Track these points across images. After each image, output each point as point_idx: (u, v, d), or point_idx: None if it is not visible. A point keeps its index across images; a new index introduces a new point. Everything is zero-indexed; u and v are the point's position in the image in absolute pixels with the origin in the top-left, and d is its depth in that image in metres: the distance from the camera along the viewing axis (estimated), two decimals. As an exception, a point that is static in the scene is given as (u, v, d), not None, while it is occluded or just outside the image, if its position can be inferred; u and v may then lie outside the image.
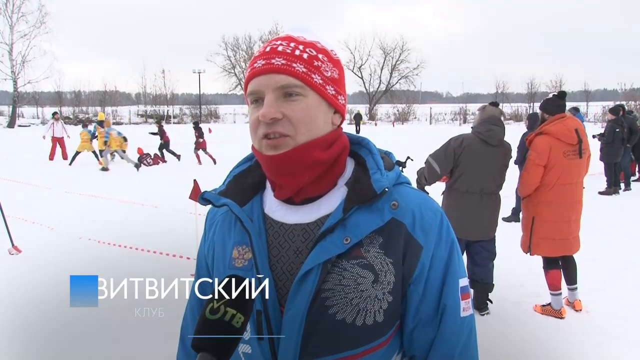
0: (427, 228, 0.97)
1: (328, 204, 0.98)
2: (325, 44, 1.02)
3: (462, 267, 1.02)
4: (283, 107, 0.93)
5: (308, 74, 0.94)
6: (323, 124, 0.97)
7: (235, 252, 1.02)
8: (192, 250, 5.39)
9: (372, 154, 1.03)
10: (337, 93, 1.00)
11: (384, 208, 0.95)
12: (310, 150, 0.94)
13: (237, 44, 57.35)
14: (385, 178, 0.97)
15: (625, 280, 4.89)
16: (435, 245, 0.97)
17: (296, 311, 0.92)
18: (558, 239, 3.97)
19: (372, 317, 0.93)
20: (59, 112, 28.74)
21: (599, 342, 3.63)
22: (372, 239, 0.94)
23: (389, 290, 0.94)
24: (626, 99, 39.11)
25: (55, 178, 12.14)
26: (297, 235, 0.97)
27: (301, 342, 0.92)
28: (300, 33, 1.01)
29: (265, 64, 0.94)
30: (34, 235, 6.58)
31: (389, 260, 0.94)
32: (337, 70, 1.01)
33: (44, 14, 41.63)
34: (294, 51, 0.95)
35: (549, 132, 3.94)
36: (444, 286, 0.97)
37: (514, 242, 4.70)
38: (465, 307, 0.99)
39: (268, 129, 0.93)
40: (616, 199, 9.40)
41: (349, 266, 0.93)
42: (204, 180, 6.19)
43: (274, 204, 1.02)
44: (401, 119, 48.26)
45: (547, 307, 4.13)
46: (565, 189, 3.92)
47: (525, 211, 4.15)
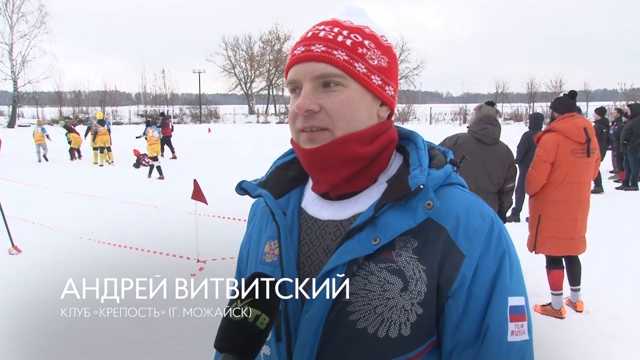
0: (472, 235, 0.85)
1: (365, 201, 0.90)
2: (375, 28, 0.92)
3: (517, 285, 0.88)
4: (321, 99, 0.86)
5: (350, 62, 0.86)
6: (366, 117, 0.89)
7: (267, 246, 0.97)
8: (192, 250, 5.39)
9: (418, 150, 0.94)
10: (385, 83, 0.91)
11: (417, 207, 0.85)
12: (348, 144, 0.87)
13: (237, 44, 57.51)
14: (424, 175, 0.87)
15: (625, 280, 4.89)
16: (481, 255, 0.85)
17: (314, 314, 0.85)
18: (564, 238, 3.97)
19: (396, 330, 0.83)
20: (60, 113, 28.79)
21: (599, 342, 3.63)
22: (405, 241, 0.85)
23: (418, 302, 0.84)
24: (626, 98, 39.08)
25: (55, 178, 12.15)
26: (329, 233, 0.91)
27: (317, 348, 0.85)
28: (348, 17, 0.92)
29: (304, 51, 0.88)
30: (34, 235, 6.58)
31: (422, 268, 0.84)
32: (386, 58, 0.92)
33: (44, 14, 41.79)
34: (336, 37, 0.88)
35: (557, 130, 3.97)
36: (489, 303, 0.84)
37: (514, 242, 4.69)
38: (516, 331, 0.86)
39: (305, 123, 0.87)
40: (616, 199, 9.41)
41: (376, 270, 0.84)
42: (203, 180, 6.20)
43: (311, 197, 0.97)
44: (401, 119, 48.24)
45: (548, 307, 4.13)
46: (572, 188, 3.93)
47: (531, 209, 4.16)
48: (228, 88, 58.41)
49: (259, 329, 0.79)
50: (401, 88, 53.67)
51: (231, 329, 0.79)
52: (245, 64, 57.50)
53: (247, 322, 0.79)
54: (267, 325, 0.80)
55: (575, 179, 3.93)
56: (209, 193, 5.59)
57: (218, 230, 6.37)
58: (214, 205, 6.90)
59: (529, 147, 7.22)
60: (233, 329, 0.79)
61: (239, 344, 0.78)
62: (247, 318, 0.79)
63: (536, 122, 7.67)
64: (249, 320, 0.79)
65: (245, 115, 53.21)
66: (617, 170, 11.49)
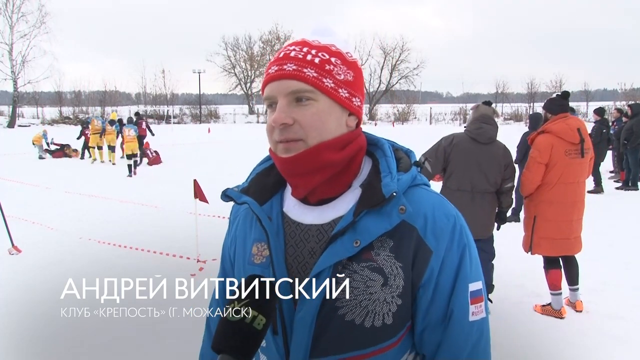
0: (438, 233, 0.97)
1: (342, 206, 1.00)
2: (340, 46, 1.02)
3: (476, 271, 1.01)
4: (294, 112, 0.95)
5: (319, 79, 0.96)
6: (335, 127, 0.98)
7: (254, 248, 1.05)
8: (192, 250, 5.39)
9: (386, 157, 1.03)
10: (352, 95, 1.00)
11: (392, 212, 0.95)
12: (321, 151, 0.96)
13: (237, 44, 57.42)
14: (395, 182, 0.97)
15: (625, 280, 4.89)
16: (446, 250, 0.97)
17: (307, 311, 0.94)
18: (559, 239, 3.97)
19: (380, 319, 0.95)
20: (60, 112, 28.69)
21: (599, 342, 3.63)
22: (382, 242, 0.95)
23: (398, 294, 0.95)
24: (626, 98, 39.08)
25: (55, 178, 12.15)
26: (312, 236, 0.99)
27: (312, 341, 0.95)
28: (316, 36, 1.02)
29: (277, 70, 0.97)
30: (34, 235, 6.58)
31: (398, 265, 0.95)
32: (352, 72, 1.01)
33: (44, 14, 41.72)
34: (305, 56, 0.97)
35: (551, 131, 3.96)
36: (453, 290, 0.97)
37: (514, 242, 4.70)
38: (476, 311, 0.99)
39: (281, 136, 0.96)
40: (616, 199, 9.41)
41: (359, 269, 0.94)
42: (203, 180, 6.20)
43: (291, 203, 1.05)
44: (401, 119, 48.25)
45: (547, 307, 4.13)
46: (566, 188, 3.92)
47: (526, 210, 4.15)
48: (228, 88, 58.37)
49: (256, 329, 0.81)
50: (401, 88, 53.78)
51: (229, 330, 0.80)
52: (245, 64, 57.49)
53: (244, 323, 0.80)
54: (264, 326, 0.81)
55: (570, 180, 3.92)
56: (208, 193, 5.59)
57: (218, 230, 6.31)
58: (214, 205, 6.89)
59: (528, 147, 7.19)
60: (230, 329, 0.80)
61: (236, 345, 0.80)
62: (244, 319, 0.81)
63: (536, 122, 7.66)
64: (246, 321, 0.80)
65: (245, 115, 53.20)
66: (617, 170, 11.49)
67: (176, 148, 17.17)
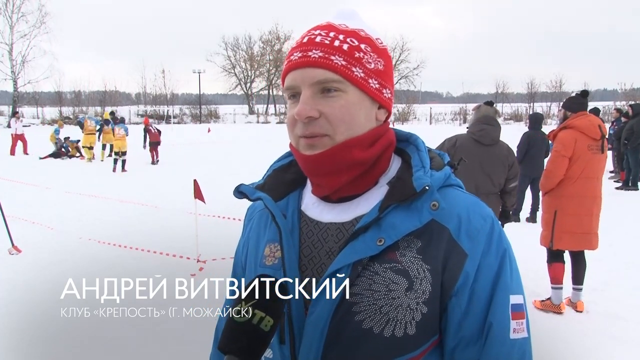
0: (473, 234, 0.87)
1: (366, 203, 0.91)
2: (370, 31, 0.93)
3: (517, 283, 0.90)
4: (320, 105, 0.86)
5: (348, 67, 0.87)
6: (365, 121, 0.89)
7: (267, 249, 0.96)
8: (192, 250, 5.39)
9: (419, 151, 0.95)
10: (382, 86, 0.91)
11: (423, 208, 0.86)
12: (349, 149, 0.87)
13: (237, 44, 57.49)
14: (429, 176, 0.88)
15: (625, 280, 4.89)
16: (482, 254, 0.86)
17: (319, 315, 0.85)
18: (580, 233, 4.02)
19: (402, 329, 0.84)
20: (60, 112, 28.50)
21: (599, 342, 3.63)
22: (409, 242, 0.86)
23: (423, 301, 0.84)
24: (626, 98, 39.08)
25: (55, 178, 12.15)
26: (331, 235, 0.91)
27: (323, 349, 0.85)
28: (342, 20, 0.92)
29: (301, 57, 0.87)
30: (34, 235, 6.58)
31: (426, 267, 0.85)
32: (382, 60, 0.92)
33: (44, 14, 41.77)
34: (333, 42, 0.88)
35: (574, 126, 4.05)
36: (491, 301, 0.86)
37: (514, 242, 4.68)
38: (517, 329, 0.87)
39: (305, 130, 0.87)
40: (616, 199, 9.40)
41: (381, 270, 0.85)
42: (203, 180, 6.20)
43: (311, 200, 0.97)
44: (401, 119, 48.22)
45: (547, 301, 4.15)
46: (588, 183, 4.00)
47: (546, 206, 4.18)
48: (228, 88, 58.46)
49: (263, 331, 0.78)
50: (401, 88, 53.75)
51: (235, 331, 0.78)
52: (245, 64, 57.54)
53: (251, 324, 0.78)
54: (271, 327, 0.79)
55: (591, 175, 4.01)
56: (208, 193, 5.60)
57: (218, 230, 6.36)
58: (214, 205, 6.91)
59: (529, 147, 7.22)
60: (237, 330, 0.78)
61: (243, 346, 0.77)
62: (251, 320, 0.78)
63: (536, 122, 7.67)
64: (253, 322, 0.78)
65: (245, 115, 53.19)
66: (617, 170, 11.49)
67: (176, 148, 17.17)
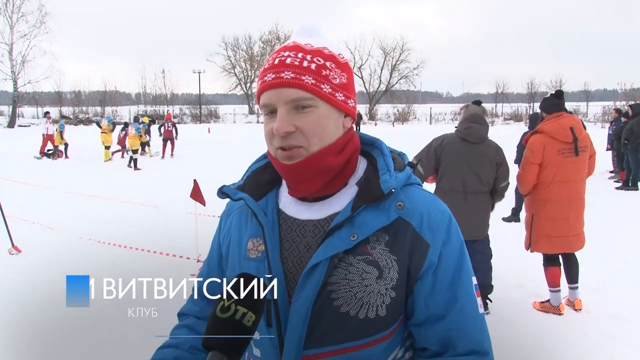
0: (434, 227, 1.00)
1: (339, 202, 1.03)
2: (333, 48, 1.04)
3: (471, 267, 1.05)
4: (295, 120, 0.97)
5: (317, 85, 0.98)
6: (334, 130, 1.01)
7: (250, 243, 1.07)
8: (192, 250, 5.40)
9: (384, 156, 1.07)
10: (347, 97, 1.03)
11: (390, 208, 0.98)
12: (323, 157, 0.99)
13: (237, 44, 57.37)
14: (394, 179, 1.01)
15: (625, 280, 4.89)
16: (443, 243, 1.00)
17: (303, 302, 0.96)
18: (556, 236, 3.99)
19: (374, 311, 0.97)
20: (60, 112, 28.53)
21: (599, 342, 3.63)
22: (378, 236, 0.98)
23: (392, 286, 0.98)
24: (626, 98, 39.08)
25: (55, 178, 12.15)
26: (308, 231, 1.02)
27: (306, 332, 0.97)
28: (307, 39, 1.03)
29: (274, 78, 0.97)
30: (34, 235, 6.58)
31: (393, 258, 0.98)
32: (345, 74, 1.03)
33: (44, 14, 41.63)
34: (302, 62, 0.98)
35: (543, 131, 4.00)
36: (458, 283, 1.00)
37: (514, 242, 4.70)
38: (480, 305, 1.03)
39: (282, 142, 0.98)
40: (617, 199, 9.41)
41: (355, 261, 0.97)
42: (203, 180, 6.20)
43: (288, 200, 1.08)
44: (401, 119, 48.24)
45: (546, 303, 4.15)
46: (561, 187, 3.95)
47: (526, 209, 4.21)
48: (228, 88, 58.32)
49: (245, 326, 0.81)
50: (401, 88, 53.80)
51: (218, 327, 0.81)
52: (245, 64, 57.47)
53: (234, 320, 0.81)
54: (253, 322, 0.82)
55: (564, 178, 3.94)
56: (208, 193, 5.58)
57: (218, 230, 6.35)
58: (214, 205, 6.88)
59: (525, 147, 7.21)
60: (220, 327, 0.81)
61: (227, 342, 0.80)
62: (234, 316, 0.81)
63: (536, 122, 7.63)
64: (236, 318, 0.81)
65: (245, 115, 53.14)
66: (617, 170, 11.49)
67: (176, 148, 17.14)
